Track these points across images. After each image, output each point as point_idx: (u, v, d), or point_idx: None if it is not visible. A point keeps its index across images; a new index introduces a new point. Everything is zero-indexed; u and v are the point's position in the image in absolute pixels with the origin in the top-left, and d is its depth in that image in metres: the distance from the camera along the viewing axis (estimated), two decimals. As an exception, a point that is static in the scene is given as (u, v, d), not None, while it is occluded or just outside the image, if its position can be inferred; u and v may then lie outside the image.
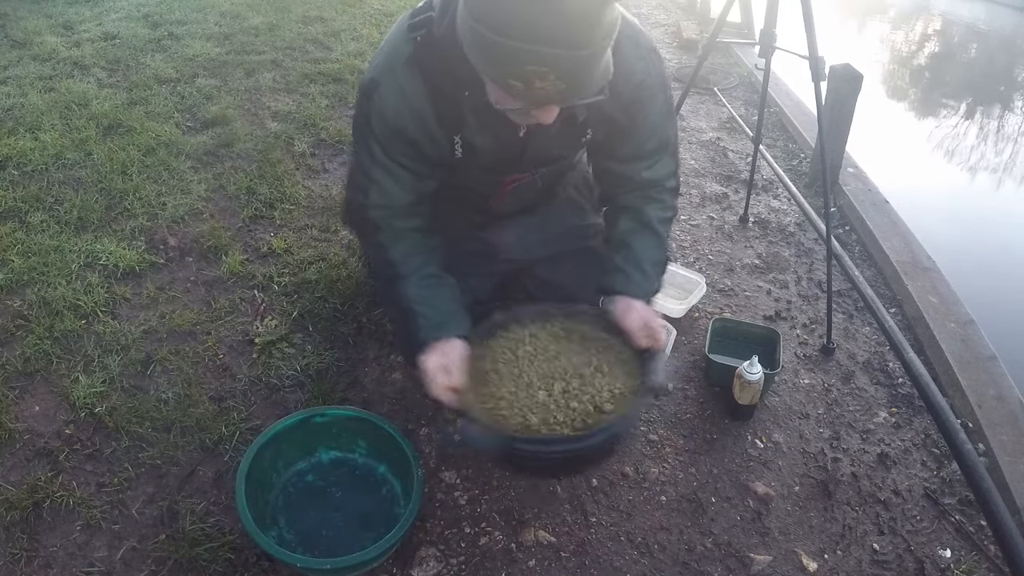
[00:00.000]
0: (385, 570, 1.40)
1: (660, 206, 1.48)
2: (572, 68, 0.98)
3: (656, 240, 1.47)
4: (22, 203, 2.33)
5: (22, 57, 3.43)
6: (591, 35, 0.97)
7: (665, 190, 1.48)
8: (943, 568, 1.48)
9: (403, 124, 1.25)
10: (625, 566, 1.44)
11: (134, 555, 1.40)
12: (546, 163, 1.45)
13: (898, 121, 4.67)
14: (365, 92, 1.27)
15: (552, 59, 0.96)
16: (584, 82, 1.02)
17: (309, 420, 1.50)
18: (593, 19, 0.96)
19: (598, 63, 1.01)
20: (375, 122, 1.26)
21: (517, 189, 1.50)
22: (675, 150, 1.47)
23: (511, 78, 1.00)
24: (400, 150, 1.29)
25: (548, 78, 0.98)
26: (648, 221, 1.46)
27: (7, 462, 1.55)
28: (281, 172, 2.64)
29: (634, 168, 1.43)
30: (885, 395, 1.92)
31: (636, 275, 1.43)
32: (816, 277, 2.35)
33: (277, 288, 2.10)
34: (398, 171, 1.31)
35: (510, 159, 1.35)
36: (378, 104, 1.25)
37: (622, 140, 1.38)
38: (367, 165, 1.32)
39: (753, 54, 3.38)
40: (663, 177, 1.46)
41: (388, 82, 1.23)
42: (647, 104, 1.33)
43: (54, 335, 1.86)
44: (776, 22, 2.01)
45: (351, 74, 3.53)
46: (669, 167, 1.46)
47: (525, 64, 0.97)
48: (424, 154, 1.30)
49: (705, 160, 3.11)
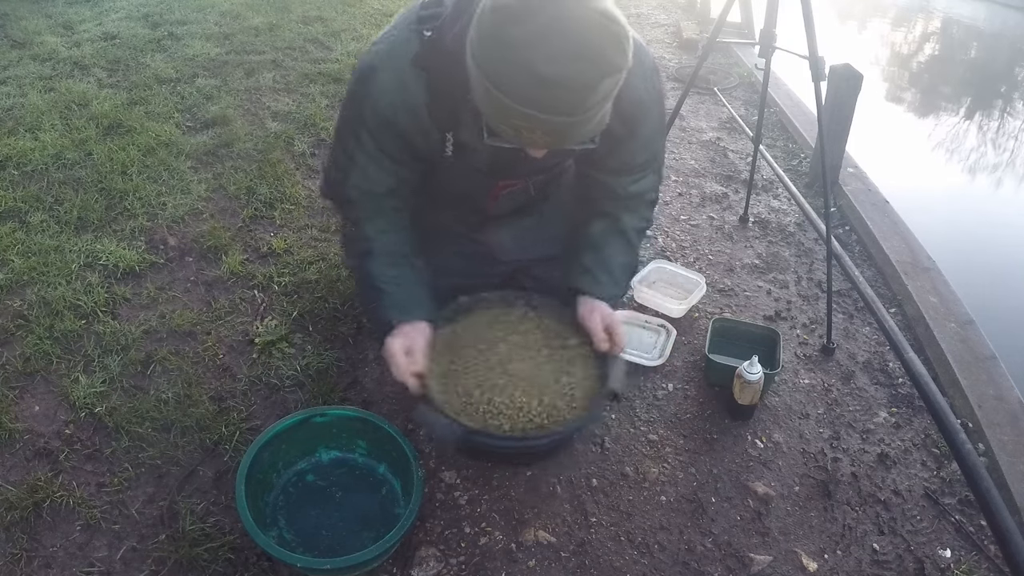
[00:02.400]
0: (385, 570, 1.40)
1: (637, 216, 1.49)
2: (562, 129, 0.99)
3: (628, 247, 1.49)
4: (22, 203, 2.33)
5: (22, 57, 3.43)
6: (584, 104, 0.96)
7: (644, 203, 1.50)
8: (943, 568, 1.48)
9: (396, 116, 1.23)
10: (625, 566, 1.44)
11: (134, 555, 1.40)
12: (540, 171, 1.45)
13: (898, 121, 4.67)
14: (361, 77, 1.24)
15: (542, 122, 0.97)
16: (574, 137, 1.03)
17: (309, 420, 1.50)
18: (589, 90, 0.95)
19: (590, 123, 1.01)
20: (367, 109, 1.24)
21: (511, 194, 1.50)
22: (660, 166, 1.49)
23: (502, 124, 1.01)
24: (388, 140, 1.27)
25: (536, 132, 0.99)
26: (623, 228, 1.48)
27: (7, 462, 1.55)
28: (281, 172, 2.64)
29: (620, 181, 1.44)
30: (885, 395, 1.92)
31: (603, 277, 1.44)
32: (816, 277, 2.35)
33: (277, 288, 2.10)
34: (382, 159, 1.30)
35: (504, 164, 1.35)
36: (373, 92, 1.22)
37: (613, 154, 1.37)
38: (352, 148, 1.30)
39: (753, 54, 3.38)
40: (645, 191, 1.48)
41: (388, 72, 1.20)
42: (642, 122, 1.32)
43: (54, 335, 1.86)
44: (776, 22, 2.01)
45: (351, 74, 3.52)
46: (652, 182, 1.48)
47: (515, 120, 0.98)
48: (412, 147, 1.28)
49: (705, 160, 3.11)
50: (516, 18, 0.92)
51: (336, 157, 1.36)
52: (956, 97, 5.30)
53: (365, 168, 1.31)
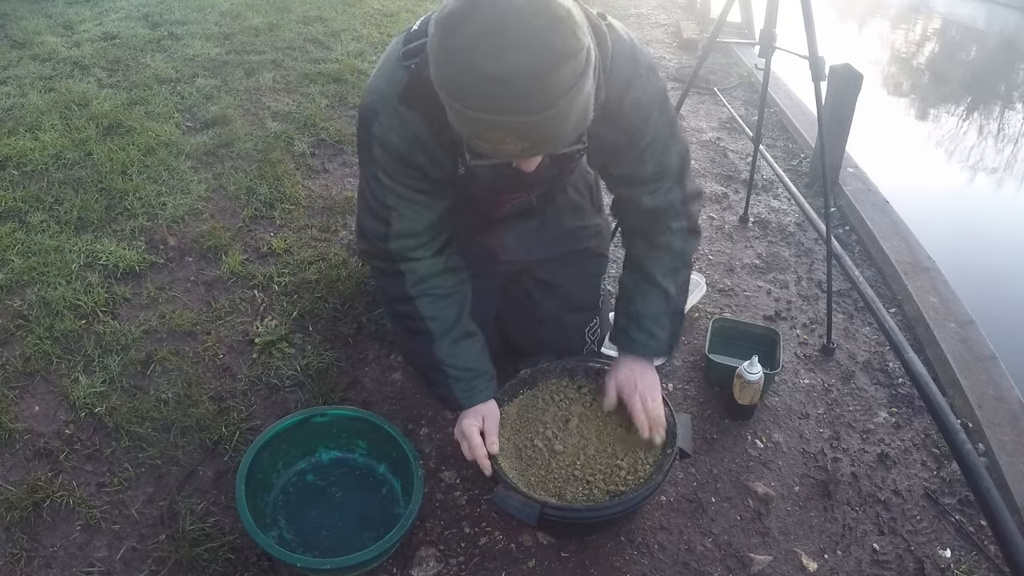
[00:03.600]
0: (385, 570, 1.40)
1: (666, 253, 1.40)
2: (530, 130, 0.93)
3: (660, 295, 1.41)
4: (22, 203, 2.33)
5: (22, 57, 3.44)
6: (543, 98, 0.90)
7: (671, 231, 1.39)
8: (943, 568, 1.48)
9: (407, 151, 1.21)
10: (625, 566, 1.44)
11: (134, 555, 1.40)
12: (542, 183, 1.45)
13: (898, 121, 4.67)
14: (364, 122, 1.23)
15: (507, 125, 0.92)
16: (550, 140, 0.96)
17: (309, 420, 1.50)
18: (541, 82, 0.88)
19: (563, 120, 0.94)
20: (377, 151, 1.22)
21: (513, 206, 1.50)
22: (679, 177, 1.36)
23: (476, 139, 0.97)
24: (408, 175, 1.24)
25: (508, 140, 0.94)
26: (649, 273, 1.40)
27: (7, 462, 1.55)
28: (281, 172, 2.64)
29: (634, 193, 1.37)
30: (885, 395, 1.92)
31: (638, 335, 1.42)
32: (816, 277, 2.35)
33: (277, 288, 2.10)
34: (411, 195, 1.27)
35: (506, 184, 1.34)
36: (379, 134, 1.20)
37: (619, 162, 1.33)
38: (379, 193, 1.27)
39: (753, 54, 3.38)
40: (665, 206, 1.37)
41: (386, 112, 1.19)
42: (641, 126, 1.26)
43: (54, 335, 1.86)
44: (776, 22, 2.01)
45: (351, 74, 3.53)
46: (674, 196, 1.37)
47: (484, 130, 0.94)
48: (430, 176, 1.26)
49: (705, 160, 3.11)
50: (456, 26, 0.89)
51: (371, 208, 1.30)
52: (956, 97, 5.30)
53: (400, 210, 1.28)
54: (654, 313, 1.42)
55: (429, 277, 1.35)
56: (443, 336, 1.36)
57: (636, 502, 1.32)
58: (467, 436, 1.33)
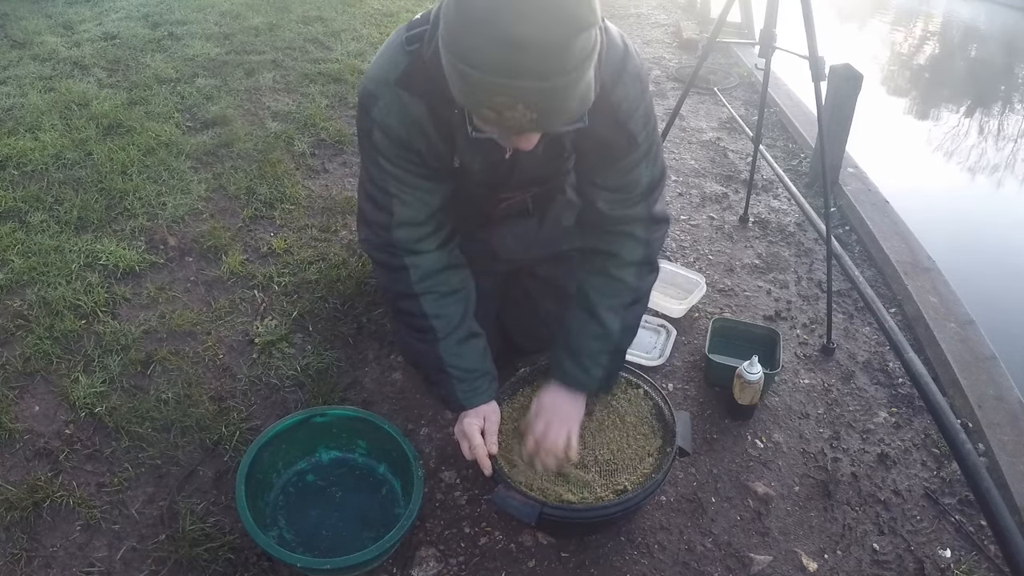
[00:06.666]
0: (385, 570, 1.40)
1: (620, 287, 1.37)
2: (541, 99, 0.93)
3: (600, 332, 1.37)
4: (22, 203, 2.33)
5: (22, 57, 3.44)
6: (560, 65, 0.91)
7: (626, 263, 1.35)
8: (943, 568, 1.48)
9: (407, 135, 1.21)
10: (625, 566, 1.44)
11: (134, 555, 1.40)
12: (536, 184, 1.44)
13: (898, 121, 4.67)
14: (364, 106, 1.23)
15: (519, 91, 0.92)
16: (557, 111, 0.97)
17: (309, 420, 1.50)
18: (561, 48, 0.89)
19: (572, 91, 0.95)
20: (377, 136, 1.22)
21: (511, 205, 1.50)
22: (646, 195, 1.32)
23: (481, 107, 0.97)
24: (409, 160, 1.24)
25: (517, 108, 0.94)
26: (595, 311, 1.36)
27: (7, 462, 1.55)
28: (281, 172, 2.64)
29: (594, 193, 1.34)
30: (885, 395, 1.92)
31: (572, 368, 1.39)
32: (816, 277, 2.35)
33: (277, 288, 2.10)
34: (413, 180, 1.27)
35: (499, 180, 1.34)
36: (379, 118, 1.21)
37: (603, 169, 1.31)
38: (380, 179, 1.27)
39: (753, 54, 3.38)
40: (622, 218, 1.33)
41: (386, 96, 1.19)
42: (620, 128, 1.22)
43: (54, 335, 1.86)
44: (776, 22, 2.01)
45: (351, 74, 3.53)
46: (637, 212, 1.33)
47: (493, 95, 0.93)
48: (428, 163, 1.26)
49: (705, 160, 3.11)
50: None
51: (371, 196, 1.30)
52: (956, 97, 5.30)
53: (402, 196, 1.27)
54: (592, 350, 1.38)
55: (434, 273, 1.34)
56: (447, 336, 1.35)
57: (636, 502, 1.33)
58: (468, 435, 1.33)
